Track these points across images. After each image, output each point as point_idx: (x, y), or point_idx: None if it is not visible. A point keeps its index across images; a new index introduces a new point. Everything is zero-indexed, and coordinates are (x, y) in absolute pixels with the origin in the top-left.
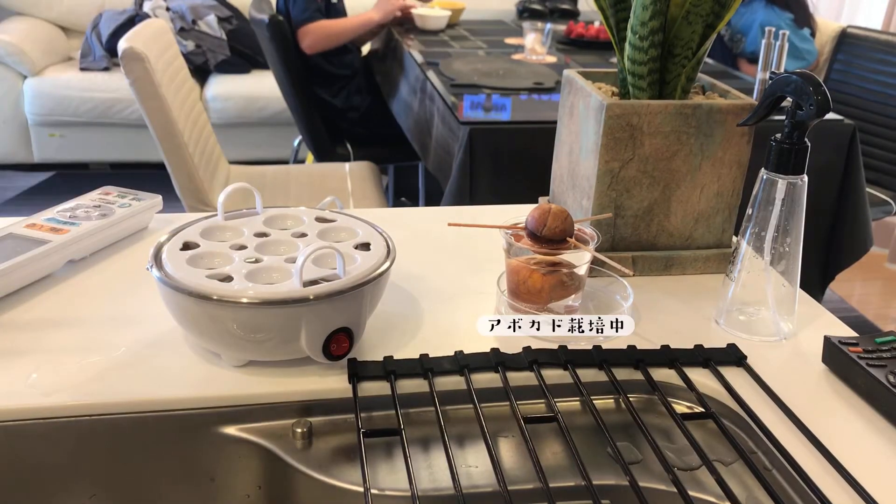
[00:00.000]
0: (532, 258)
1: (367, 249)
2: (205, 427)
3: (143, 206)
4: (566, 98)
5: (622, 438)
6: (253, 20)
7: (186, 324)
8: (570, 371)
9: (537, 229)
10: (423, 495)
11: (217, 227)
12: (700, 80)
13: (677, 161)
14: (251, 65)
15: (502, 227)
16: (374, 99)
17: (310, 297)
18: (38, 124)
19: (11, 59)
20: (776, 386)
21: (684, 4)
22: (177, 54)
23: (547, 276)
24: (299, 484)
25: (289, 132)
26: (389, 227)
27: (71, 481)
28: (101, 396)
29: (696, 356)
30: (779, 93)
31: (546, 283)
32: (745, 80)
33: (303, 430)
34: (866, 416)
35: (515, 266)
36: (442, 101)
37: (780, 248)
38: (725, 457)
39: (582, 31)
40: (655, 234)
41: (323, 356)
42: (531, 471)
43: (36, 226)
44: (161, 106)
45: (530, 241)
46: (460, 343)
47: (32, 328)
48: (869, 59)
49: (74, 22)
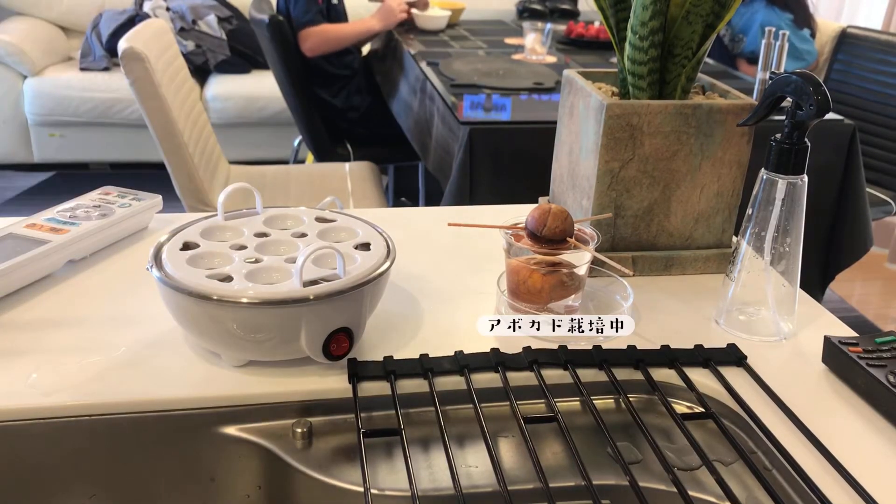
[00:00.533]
0: (532, 258)
1: (367, 249)
2: (205, 427)
3: (143, 206)
4: (566, 98)
5: (622, 438)
6: (253, 20)
7: (186, 324)
8: (570, 371)
9: (537, 229)
10: (423, 495)
11: (217, 227)
12: (700, 80)
13: (677, 161)
14: (251, 65)
15: (502, 227)
16: (374, 99)
17: (310, 297)
18: (38, 124)
19: (11, 59)
20: (776, 386)
21: (684, 4)
22: (177, 54)
23: (547, 276)
24: (299, 484)
25: (289, 132)
26: (389, 227)
27: (71, 481)
28: (101, 396)
29: (696, 356)
30: (779, 93)
31: (546, 283)
32: (745, 80)
33: (303, 430)
34: (866, 416)
35: (515, 266)
36: (442, 101)
37: (780, 248)
38: (725, 457)
39: (582, 31)
40: (655, 234)
41: (323, 356)
42: (531, 471)
43: (36, 226)
44: (161, 106)
45: (530, 241)
46: (460, 343)
47: (32, 328)
48: (869, 59)
49: (74, 22)
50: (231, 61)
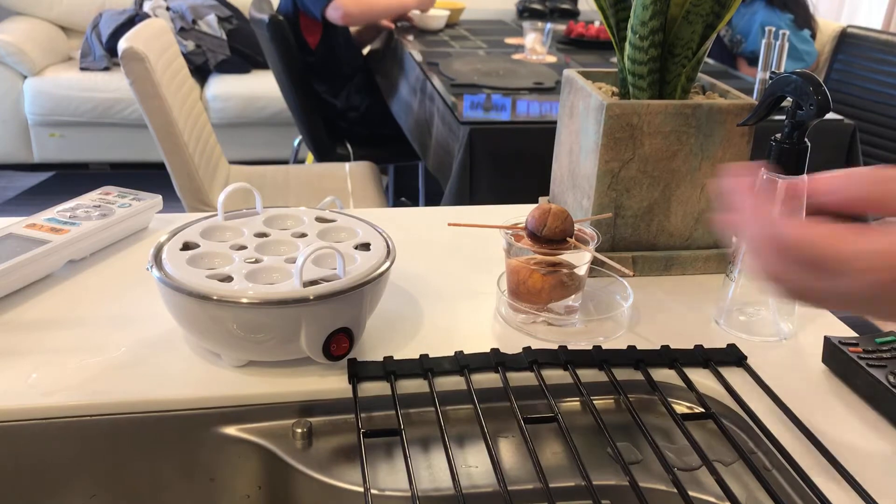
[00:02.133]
0: (532, 258)
1: (367, 249)
2: (205, 427)
3: (143, 206)
4: (566, 98)
5: (622, 438)
6: (253, 20)
7: (186, 324)
8: (570, 371)
9: (537, 229)
10: (423, 495)
11: (217, 228)
12: (700, 80)
13: (677, 161)
14: (251, 65)
15: (502, 227)
16: (374, 99)
17: (310, 298)
18: (38, 124)
19: (11, 59)
20: (776, 386)
21: (684, 4)
22: (177, 54)
23: (547, 277)
24: (299, 484)
25: (289, 132)
26: (389, 227)
27: (71, 481)
28: (101, 396)
29: (696, 356)
30: (779, 93)
31: (546, 283)
32: (745, 80)
33: (303, 431)
34: (866, 417)
35: (515, 266)
36: (442, 101)
37: None
38: (725, 457)
39: (582, 31)
40: (655, 234)
41: (323, 356)
42: (531, 471)
43: (36, 226)
44: (161, 106)
45: (530, 242)
46: (460, 343)
47: (32, 328)
48: (869, 59)
49: (74, 22)
50: (231, 61)
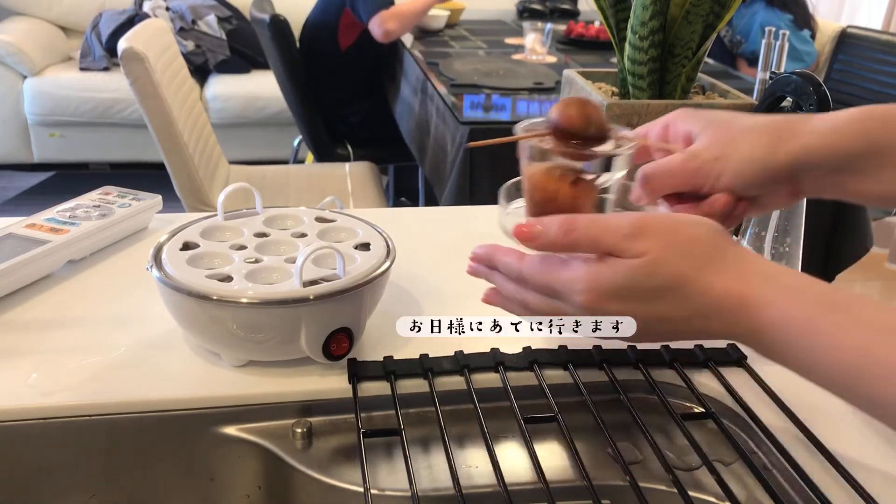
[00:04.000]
0: (558, 166)
1: (367, 249)
2: (205, 427)
3: (143, 206)
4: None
5: (622, 438)
6: (254, 20)
7: (186, 324)
8: (570, 371)
9: (569, 123)
10: (423, 495)
11: (217, 228)
12: (700, 80)
13: None
14: (251, 65)
15: (524, 136)
16: (374, 100)
17: (310, 297)
18: (38, 124)
19: (11, 59)
20: (776, 386)
21: (684, 4)
22: (177, 54)
23: (581, 186)
24: (299, 484)
25: (289, 132)
26: (389, 227)
27: (71, 481)
28: (101, 396)
29: (696, 356)
30: (779, 93)
31: (582, 193)
32: (745, 80)
33: (303, 430)
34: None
35: (539, 178)
36: (442, 102)
37: (780, 248)
38: (725, 457)
39: (582, 31)
40: None
41: (323, 356)
42: (531, 471)
43: (36, 226)
44: (161, 106)
45: (557, 142)
46: (460, 343)
47: (32, 328)
48: (869, 59)
49: (74, 22)
50: (231, 61)
